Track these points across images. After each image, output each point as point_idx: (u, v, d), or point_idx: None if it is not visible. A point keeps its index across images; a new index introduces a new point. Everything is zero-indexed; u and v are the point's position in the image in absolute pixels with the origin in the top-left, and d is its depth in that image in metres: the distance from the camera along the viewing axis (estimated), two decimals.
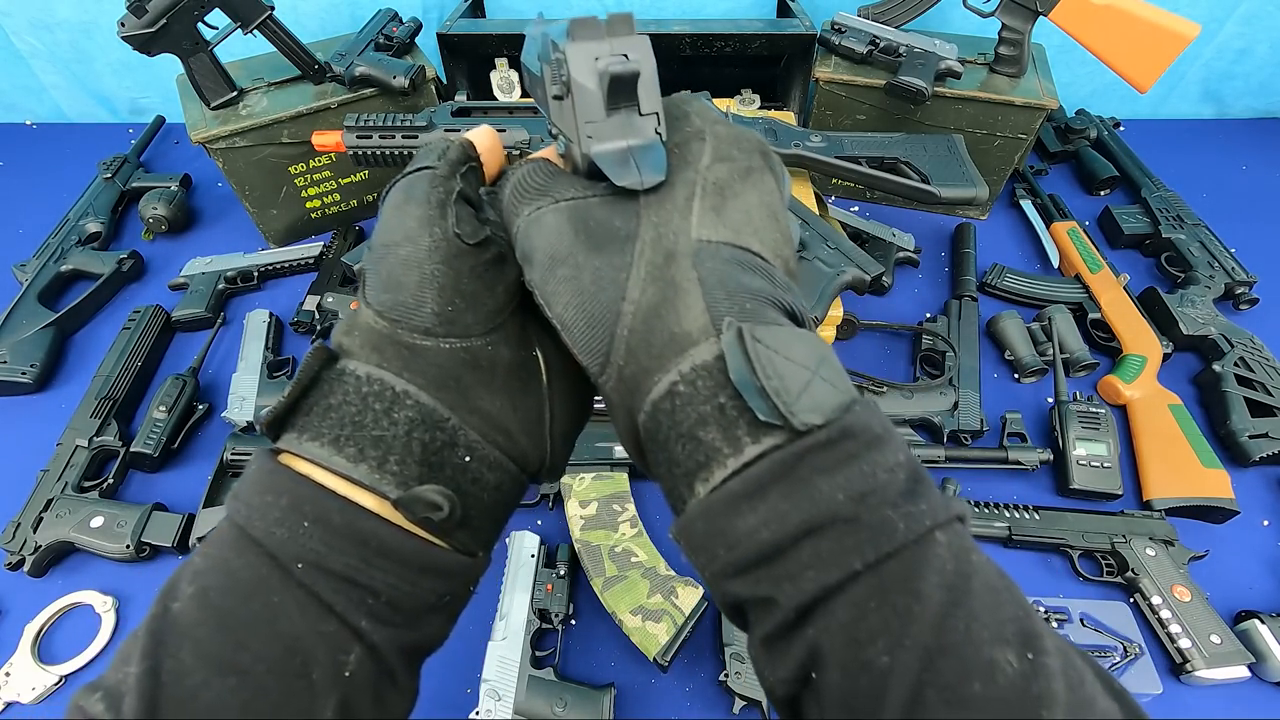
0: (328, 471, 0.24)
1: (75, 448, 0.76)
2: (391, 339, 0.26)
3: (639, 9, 1.15)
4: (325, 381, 0.25)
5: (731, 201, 0.25)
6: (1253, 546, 0.73)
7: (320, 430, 0.24)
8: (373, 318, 0.26)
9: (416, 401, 0.25)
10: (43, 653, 0.65)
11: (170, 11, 0.80)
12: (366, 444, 0.24)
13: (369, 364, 0.25)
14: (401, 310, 0.26)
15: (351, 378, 0.25)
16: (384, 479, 0.24)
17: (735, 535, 0.21)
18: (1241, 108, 1.28)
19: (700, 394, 0.22)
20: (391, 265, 0.26)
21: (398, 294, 0.26)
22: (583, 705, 0.59)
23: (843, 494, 0.20)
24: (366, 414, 0.25)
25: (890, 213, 1.08)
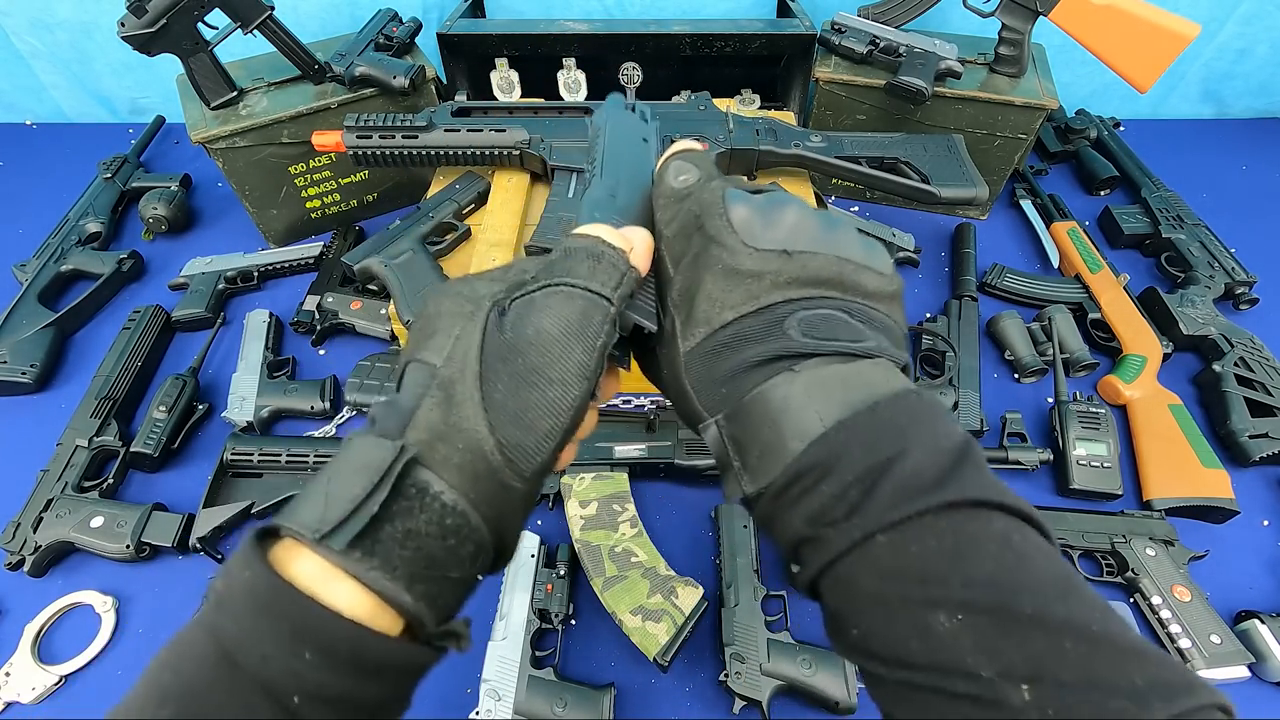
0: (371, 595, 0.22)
1: (75, 448, 0.76)
2: (495, 475, 0.24)
3: (639, 9, 1.15)
4: (404, 495, 0.23)
5: None
6: (1253, 546, 0.73)
7: (393, 560, 0.22)
8: (492, 446, 0.24)
9: (482, 538, 0.24)
10: (43, 653, 0.65)
11: (170, 11, 0.80)
12: (434, 585, 0.23)
13: (457, 491, 0.24)
14: (521, 453, 0.25)
15: (436, 503, 0.23)
16: (430, 613, 0.23)
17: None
18: (1241, 108, 1.28)
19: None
20: (535, 402, 0.25)
21: (524, 435, 0.25)
22: (583, 705, 0.59)
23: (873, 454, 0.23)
24: (440, 548, 0.23)
25: (890, 213, 1.08)
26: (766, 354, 0.26)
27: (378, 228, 0.84)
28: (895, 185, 0.83)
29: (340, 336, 0.92)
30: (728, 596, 0.65)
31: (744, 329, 0.27)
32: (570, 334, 0.25)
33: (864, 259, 0.28)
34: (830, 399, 0.24)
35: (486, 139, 0.82)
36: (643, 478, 0.76)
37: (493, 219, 0.80)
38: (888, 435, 0.23)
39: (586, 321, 0.26)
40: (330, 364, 0.89)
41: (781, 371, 0.26)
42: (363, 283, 0.83)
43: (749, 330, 0.27)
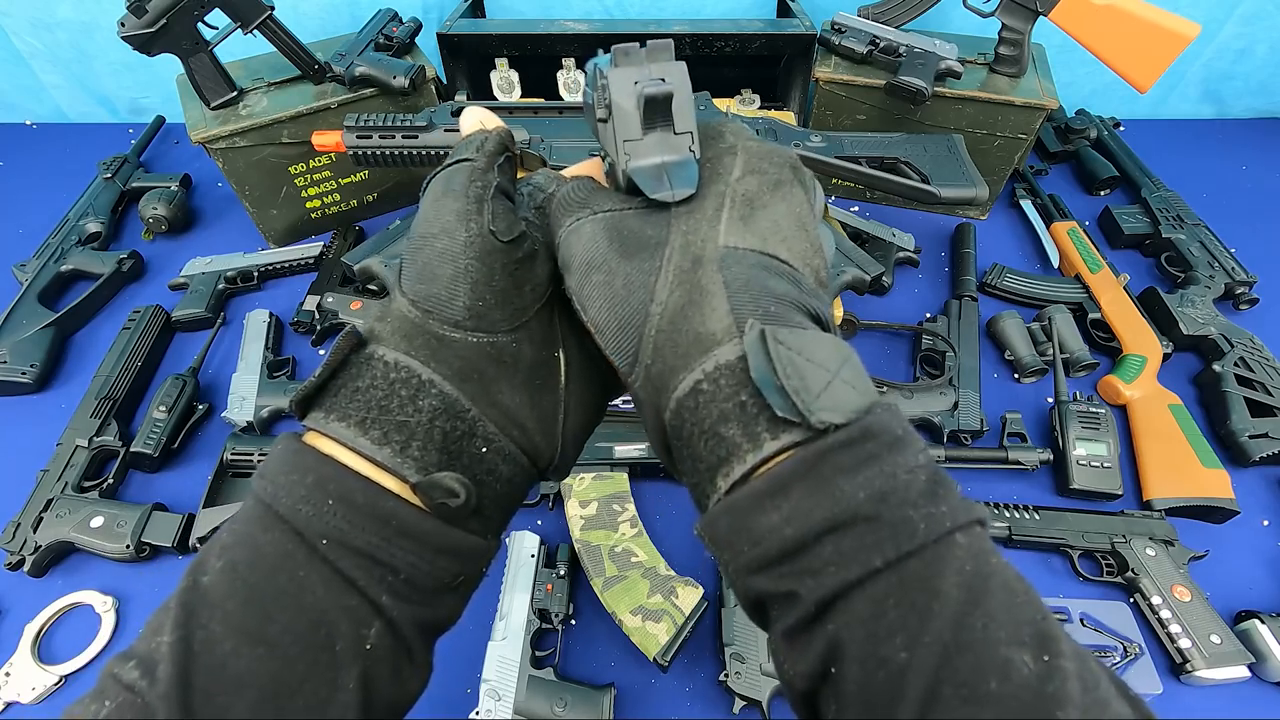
0: (351, 452, 0.25)
1: (75, 448, 0.76)
2: (422, 329, 0.27)
3: (639, 9, 1.15)
4: (354, 365, 0.26)
5: (760, 212, 0.27)
6: (1253, 546, 0.73)
7: (347, 411, 0.25)
8: (406, 306, 0.27)
9: (440, 391, 0.26)
10: (43, 653, 0.65)
11: (170, 11, 0.80)
12: (391, 428, 0.25)
13: (398, 351, 0.26)
14: (434, 302, 0.27)
15: (380, 363, 0.26)
16: (405, 463, 0.25)
17: (759, 531, 0.21)
18: (1241, 108, 1.28)
19: (723, 391, 0.22)
20: (428, 257, 0.27)
21: (432, 285, 0.27)
22: (583, 705, 0.59)
23: (864, 493, 0.20)
24: (393, 399, 0.25)
25: (890, 213, 1.08)
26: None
27: (378, 228, 0.84)
28: (895, 185, 0.83)
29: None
30: (728, 596, 0.65)
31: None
32: (439, 195, 0.28)
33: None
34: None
35: None
36: (643, 478, 0.76)
37: None
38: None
39: (451, 178, 0.28)
40: None
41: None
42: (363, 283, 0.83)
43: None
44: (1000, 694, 0.18)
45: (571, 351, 0.30)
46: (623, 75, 0.27)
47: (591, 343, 0.28)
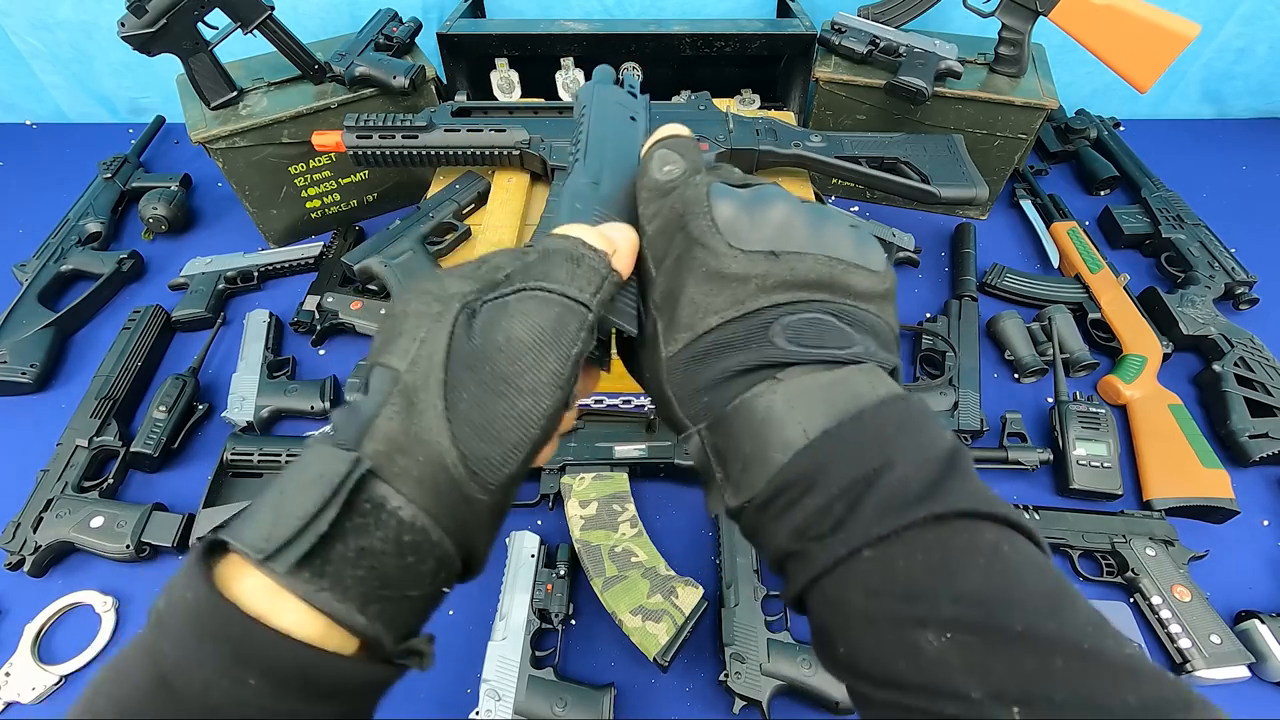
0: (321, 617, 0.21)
1: (75, 448, 0.76)
2: (459, 489, 0.23)
3: (639, 9, 1.15)
4: (359, 512, 0.21)
5: None
6: (1253, 546, 0.73)
7: (344, 580, 0.21)
8: (454, 459, 0.23)
9: (445, 553, 0.23)
10: (43, 653, 0.65)
11: (170, 11, 0.80)
12: (389, 604, 0.22)
13: (415, 505, 0.22)
14: (485, 465, 0.23)
15: (394, 520, 0.22)
16: (388, 632, 0.22)
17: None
18: (1241, 108, 1.28)
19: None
20: (504, 413, 0.23)
21: (490, 447, 0.23)
22: (583, 705, 0.59)
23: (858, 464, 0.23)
24: (403, 570, 0.22)
25: (890, 213, 1.08)
26: (750, 362, 0.25)
27: (378, 228, 0.84)
28: (895, 185, 0.83)
29: (340, 336, 0.92)
30: (728, 596, 0.65)
31: (727, 335, 0.26)
32: (544, 342, 0.24)
33: (855, 257, 0.27)
34: (814, 409, 0.24)
35: (486, 139, 0.82)
36: (643, 478, 0.76)
37: (493, 219, 0.80)
38: (873, 445, 0.23)
39: (562, 328, 0.24)
40: (330, 364, 0.89)
41: (764, 380, 0.25)
42: (363, 283, 0.83)
43: (732, 337, 0.26)
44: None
45: None
46: None
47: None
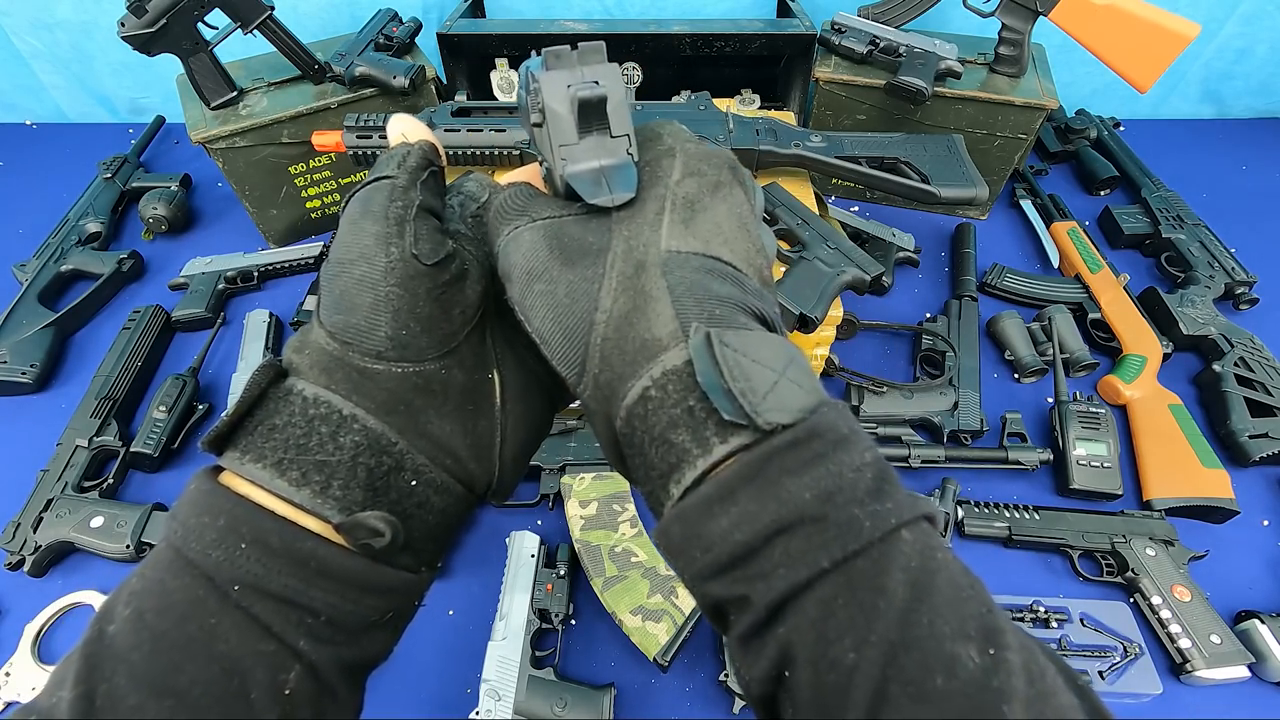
0: (269, 494, 0.24)
1: (75, 448, 0.76)
2: (342, 361, 0.25)
3: (639, 9, 1.15)
4: (271, 400, 0.25)
5: (701, 214, 0.26)
6: (1253, 546, 0.74)
7: (263, 451, 0.24)
8: (324, 338, 0.26)
9: (364, 425, 0.25)
10: (43, 653, 0.65)
11: (170, 11, 0.80)
12: (310, 468, 0.24)
13: (317, 385, 0.25)
14: (353, 333, 0.25)
15: (298, 398, 0.25)
16: (326, 503, 0.24)
17: (710, 537, 0.21)
18: (1241, 108, 1.28)
19: (670, 398, 0.22)
20: (345, 284, 0.25)
21: (350, 315, 0.25)
22: (583, 705, 0.59)
23: (810, 493, 0.20)
24: (312, 437, 0.24)
25: (890, 213, 1.08)
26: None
27: None
28: (895, 185, 0.83)
29: None
30: None
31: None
32: (358, 215, 0.26)
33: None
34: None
35: (486, 139, 0.82)
36: None
37: None
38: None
39: (370, 198, 0.26)
40: None
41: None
42: None
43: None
44: (946, 690, 0.18)
45: (509, 370, 0.29)
46: (555, 79, 0.26)
47: (536, 355, 0.28)
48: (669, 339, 0.23)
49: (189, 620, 0.22)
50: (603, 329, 0.24)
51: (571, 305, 0.25)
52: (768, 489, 0.20)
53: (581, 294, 0.25)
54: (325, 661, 0.24)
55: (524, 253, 0.26)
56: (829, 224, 0.80)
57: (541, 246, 0.25)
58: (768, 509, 0.20)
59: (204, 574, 0.23)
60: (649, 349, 0.23)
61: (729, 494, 0.21)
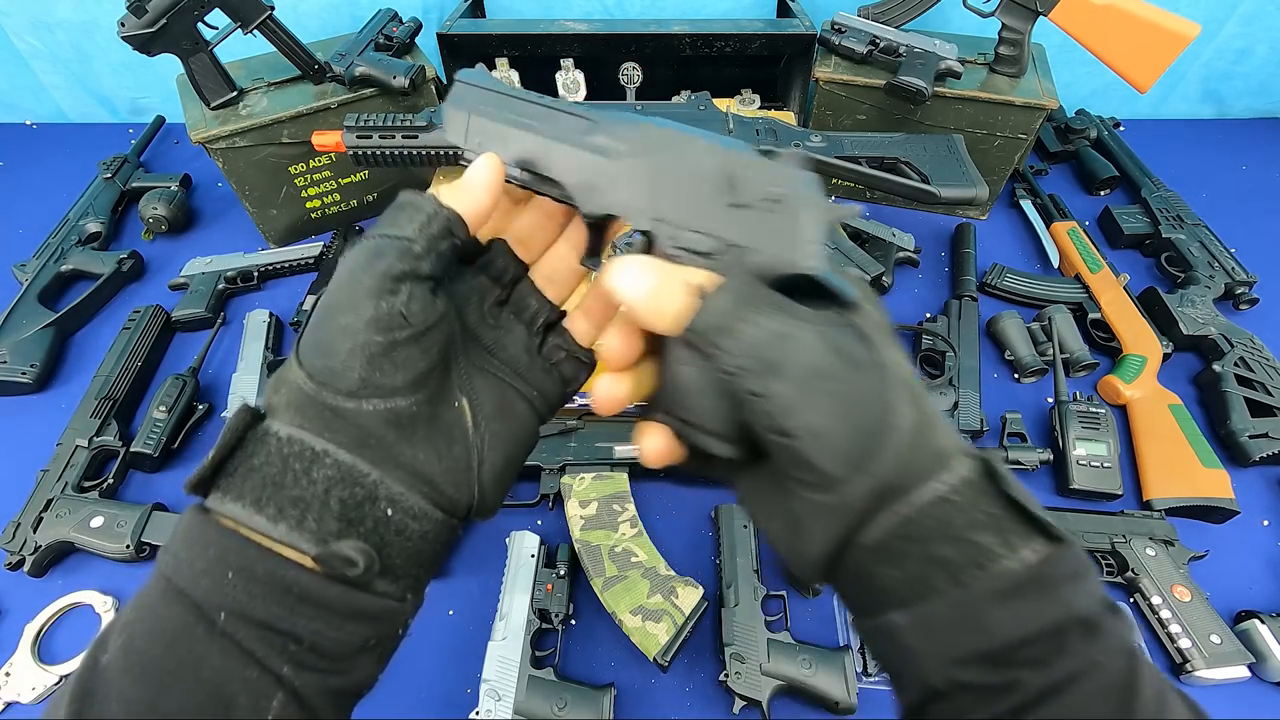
0: (250, 529, 0.25)
1: (75, 448, 0.76)
2: (315, 400, 0.26)
3: (639, 9, 1.15)
4: (249, 442, 0.26)
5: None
6: (1253, 546, 0.74)
7: (242, 491, 0.25)
8: (302, 378, 0.27)
9: (335, 460, 0.26)
10: (43, 653, 0.65)
11: (170, 11, 0.80)
12: (285, 504, 0.25)
13: (291, 425, 0.26)
14: (328, 374, 0.26)
15: (273, 439, 0.26)
16: (303, 536, 0.25)
17: (991, 625, 0.24)
18: (1241, 108, 1.28)
19: (971, 503, 0.25)
20: (330, 330, 0.27)
21: (328, 359, 0.26)
22: (583, 705, 0.59)
23: (1085, 601, 0.24)
24: (286, 474, 0.25)
25: (890, 213, 1.08)
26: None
27: None
28: (895, 185, 0.83)
29: None
30: (728, 596, 0.65)
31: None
32: (359, 267, 0.27)
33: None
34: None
35: None
36: (643, 478, 0.76)
37: None
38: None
39: (377, 255, 0.27)
40: None
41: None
42: None
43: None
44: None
45: (481, 391, 0.30)
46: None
47: (514, 373, 0.32)
48: (954, 451, 0.26)
49: (177, 646, 0.23)
50: (902, 435, 0.25)
51: (866, 408, 0.25)
52: (1051, 592, 0.23)
53: (875, 400, 0.25)
54: (309, 688, 0.25)
55: (805, 351, 0.25)
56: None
57: (824, 348, 0.26)
58: (1051, 610, 0.23)
59: (193, 602, 0.24)
60: (941, 459, 0.26)
61: (1017, 590, 0.24)
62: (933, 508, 0.25)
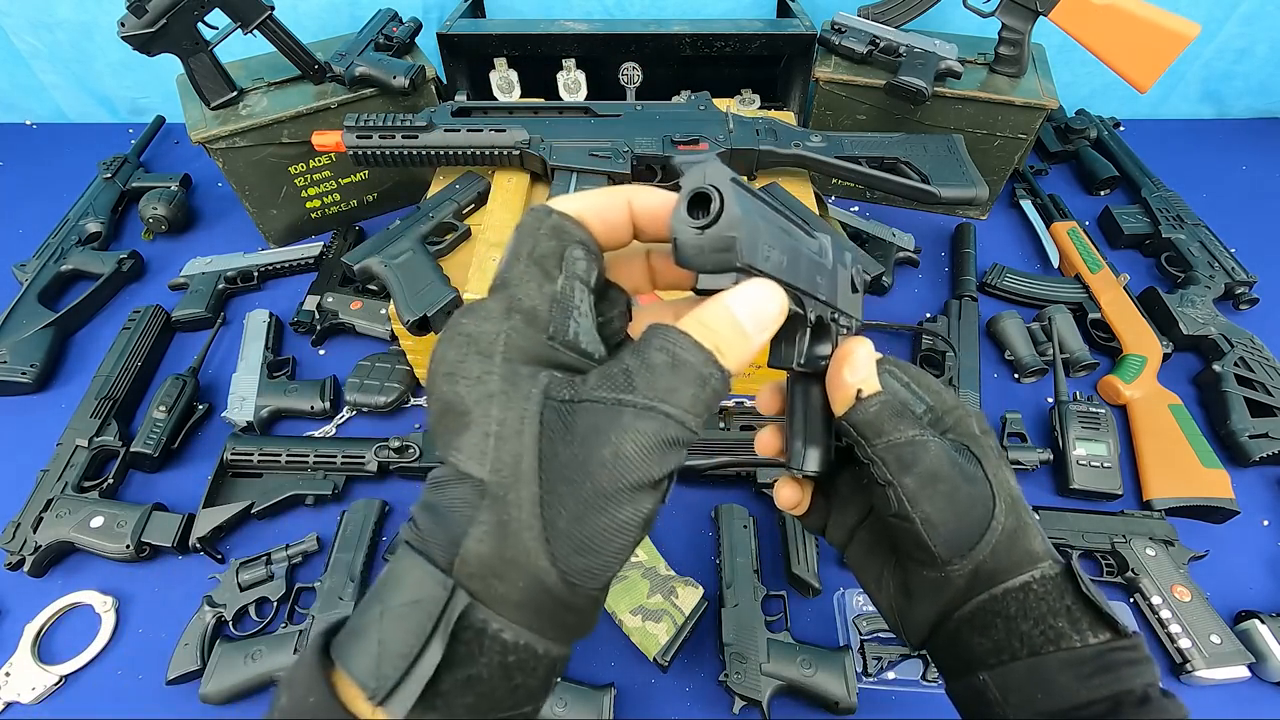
0: None
1: (75, 448, 0.76)
2: (561, 603, 0.23)
3: (639, 9, 1.15)
4: (462, 640, 0.21)
5: None
6: (1253, 546, 0.73)
7: (456, 710, 0.21)
8: (554, 580, 0.22)
9: (555, 656, 0.23)
10: (43, 653, 0.65)
11: (170, 11, 0.80)
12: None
13: (520, 625, 0.22)
14: (586, 577, 0.23)
15: (497, 644, 0.22)
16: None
17: (1059, 688, 0.29)
18: (1241, 108, 1.28)
19: (1051, 593, 0.31)
20: (604, 527, 0.22)
21: (593, 560, 0.22)
22: (583, 705, 0.59)
23: (1140, 681, 0.29)
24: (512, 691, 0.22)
25: (890, 213, 1.08)
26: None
27: (378, 228, 0.84)
28: (895, 185, 0.83)
29: (340, 336, 0.92)
30: (728, 596, 0.65)
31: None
32: (650, 459, 0.22)
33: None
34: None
35: (486, 139, 0.82)
36: None
37: (493, 219, 0.80)
38: None
39: (670, 447, 0.23)
40: (330, 364, 0.89)
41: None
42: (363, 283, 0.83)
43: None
44: None
45: None
46: None
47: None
48: (1042, 554, 0.32)
49: None
50: (999, 535, 0.31)
51: (972, 510, 0.32)
52: (1112, 671, 0.29)
53: (981, 505, 0.32)
54: None
55: (933, 459, 0.31)
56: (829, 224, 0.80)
57: (946, 458, 0.31)
58: (1111, 684, 0.29)
59: None
60: (1031, 557, 0.32)
61: (1083, 665, 0.29)
62: (1019, 592, 0.31)
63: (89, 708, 0.63)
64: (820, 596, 0.68)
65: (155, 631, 0.67)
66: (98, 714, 0.62)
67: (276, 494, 0.74)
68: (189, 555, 0.71)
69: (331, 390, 0.83)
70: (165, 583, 0.70)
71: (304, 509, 0.75)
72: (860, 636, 0.65)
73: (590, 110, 0.85)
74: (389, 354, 0.85)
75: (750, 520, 0.70)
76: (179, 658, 0.63)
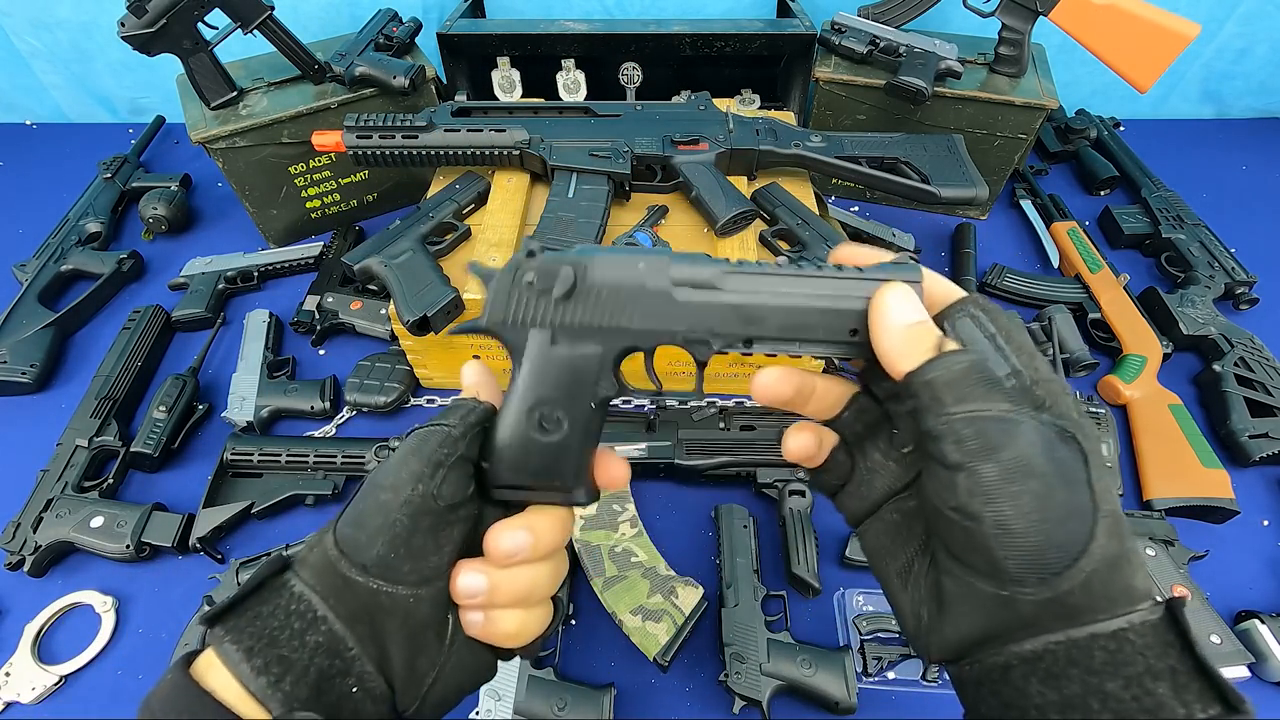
0: (232, 675, 0.27)
1: (75, 448, 0.76)
2: (333, 567, 0.29)
3: (639, 9, 1.15)
4: (268, 589, 0.29)
5: None
6: (1253, 546, 0.73)
7: (242, 635, 0.27)
8: (330, 544, 0.29)
9: (330, 629, 0.28)
10: (43, 653, 0.65)
11: (170, 11, 0.80)
12: (273, 660, 0.27)
13: (305, 584, 0.29)
14: (351, 545, 0.29)
15: (287, 592, 0.29)
16: (274, 696, 0.27)
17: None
18: (1241, 108, 1.28)
19: (1150, 647, 0.25)
20: (368, 505, 0.30)
21: (356, 531, 0.29)
22: (583, 705, 0.59)
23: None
24: (284, 631, 0.28)
25: (890, 213, 1.08)
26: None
27: (378, 228, 0.84)
28: (895, 185, 0.83)
29: (340, 336, 0.92)
30: (728, 596, 0.65)
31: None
32: (409, 451, 0.30)
33: None
34: None
35: (486, 139, 0.82)
36: (643, 478, 0.76)
37: (493, 219, 0.80)
38: None
39: (424, 442, 0.30)
40: (330, 364, 0.89)
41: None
42: (363, 283, 0.83)
43: None
44: None
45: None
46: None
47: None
48: (1144, 594, 0.26)
49: None
50: (1095, 560, 0.25)
51: (1067, 521, 0.25)
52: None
53: (1078, 517, 0.25)
54: None
55: (1026, 446, 0.25)
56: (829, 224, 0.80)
57: (1042, 448, 0.25)
58: None
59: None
60: (1129, 596, 0.25)
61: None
62: (1110, 640, 0.25)
63: (89, 708, 0.63)
64: (820, 597, 0.68)
65: (155, 632, 0.67)
66: (98, 714, 0.62)
67: (276, 494, 0.74)
68: (189, 555, 0.71)
69: (331, 390, 0.83)
70: (165, 583, 0.70)
71: (304, 509, 0.75)
72: (860, 636, 0.65)
73: (590, 110, 0.85)
74: (389, 354, 0.85)
75: (750, 520, 0.70)
76: None
